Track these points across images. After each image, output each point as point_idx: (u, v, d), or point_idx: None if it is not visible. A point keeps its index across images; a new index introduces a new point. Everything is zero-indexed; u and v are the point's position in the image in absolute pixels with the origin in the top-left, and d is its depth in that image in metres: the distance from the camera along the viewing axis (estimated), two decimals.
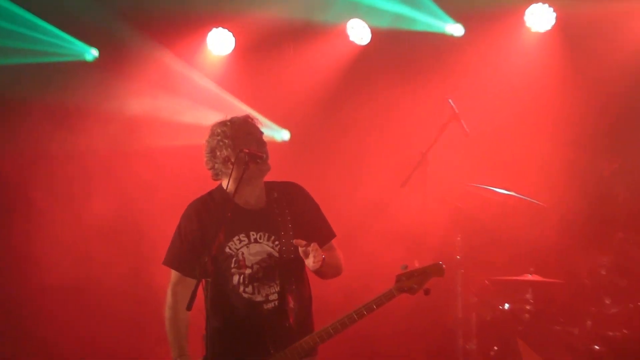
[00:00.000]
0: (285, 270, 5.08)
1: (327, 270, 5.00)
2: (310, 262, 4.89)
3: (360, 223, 8.40)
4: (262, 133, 5.22)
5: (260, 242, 5.08)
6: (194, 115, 8.72)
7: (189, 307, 4.59)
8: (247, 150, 4.97)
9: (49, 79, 8.69)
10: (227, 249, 5.05)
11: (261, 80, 8.95)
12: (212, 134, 5.15)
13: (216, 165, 5.13)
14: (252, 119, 5.21)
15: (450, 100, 7.71)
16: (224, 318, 5.05)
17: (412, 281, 4.84)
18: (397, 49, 8.88)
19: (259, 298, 5.04)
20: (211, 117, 5.35)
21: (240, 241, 5.08)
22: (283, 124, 9.10)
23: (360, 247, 8.02)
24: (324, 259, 4.89)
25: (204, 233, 5.07)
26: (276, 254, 5.08)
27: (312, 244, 4.89)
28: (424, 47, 8.78)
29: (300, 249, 4.93)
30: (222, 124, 5.16)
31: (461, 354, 7.68)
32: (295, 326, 5.05)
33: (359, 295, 6.02)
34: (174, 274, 5.19)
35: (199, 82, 9.00)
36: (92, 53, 8.92)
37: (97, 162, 8.78)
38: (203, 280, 4.70)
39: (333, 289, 6.48)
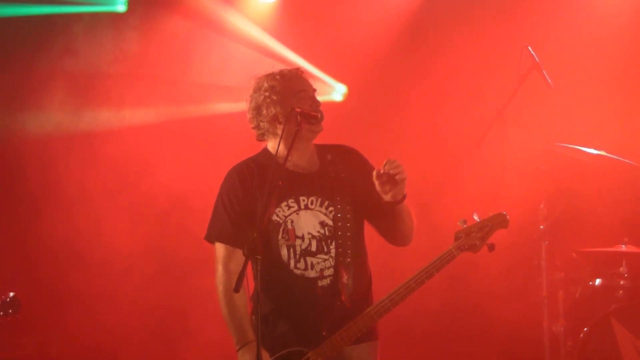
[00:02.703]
0: (340, 240, 4.66)
1: (403, 212, 4.65)
2: (395, 182, 4.46)
3: (429, 190, 8.11)
4: (314, 89, 4.79)
5: (311, 209, 4.69)
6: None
7: (236, 289, 4.21)
8: (299, 110, 4.56)
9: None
10: (275, 217, 4.67)
11: (314, 30, 8.52)
12: (258, 88, 4.79)
13: (262, 124, 4.78)
14: (303, 72, 4.82)
15: (529, 48, 7.30)
16: (272, 299, 4.69)
17: (473, 237, 4.61)
18: None
19: (312, 274, 4.66)
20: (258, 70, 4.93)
21: (289, 207, 4.69)
22: (338, 78, 8.69)
23: (430, 218, 7.69)
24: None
25: (250, 201, 4.67)
26: (330, 222, 4.68)
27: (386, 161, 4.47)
28: None
29: (376, 178, 4.48)
30: (271, 77, 4.77)
31: (547, 336, 7.31)
32: (350, 304, 4.62)
33: None
34: (221, 250, 4.72)
35: (244, 29, 8.56)
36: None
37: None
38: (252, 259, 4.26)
39: (401, 262, 6.19)
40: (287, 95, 4.70)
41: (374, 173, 4.48)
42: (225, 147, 7.81)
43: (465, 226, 4.61)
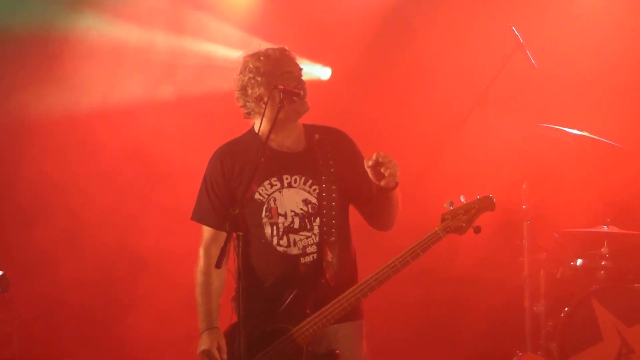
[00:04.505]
0: (325, 219, 4.66)
1: (394, 199, 4.65)
2: (387, 174, 4.44)
3: (412, 170, 7.82)
4: (300, 69, 4.76)
5: (294, 187, 4.71)
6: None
7: (217, 265, 4.27)
8: (281, 87, 4.55)
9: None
10: (257, 195, 4.70)
11: (296, 14, 8.42)
12: (244, 68, 4.78)
13: (248, 104, 4.79)
14: (289, 52, 4.78)
15: (513, 28, 7.31)
16: (256, 276, 4.71)
17: (459, 219, 4.58)
18: None
19: (295, 251, 4.68)
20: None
21: (272, 186, 4.71)
22: (323, 61, 8.57)
23: (413, 197, 7.50)
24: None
25: (230, 180, 4.74)
26: (314, 200, 4.68)
27: (378, 153, 4.45)
28: None
29: (370, 166, 4.47)
30: (255, 57, 4.75)
31: (528, 316, 7.32)
32: (333, 282, 4.63)
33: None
34: (205, 231, 4.81)
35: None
36: None
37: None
38: (234, 235, 4.26)
39: (384, 243, 5.93)
40: (271, 76, 4.68)
41: (365, 162, 4.48)
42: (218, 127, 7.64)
43: (451, 208, 4.59)
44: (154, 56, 8.29)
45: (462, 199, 4.61)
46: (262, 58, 4.73)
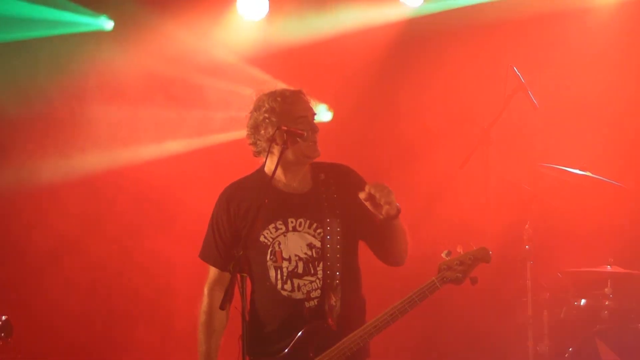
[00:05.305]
0: (329, 262, 4.64)
1: (399, 228, 4.62)
2: (381, 204, 4.45)
3: (415, 210, 7.81)
4: (314, 113, 4.77)
5: (299, 231, 4.68)
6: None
7: (222, 307, 4.24)
8: (285, 128, 4.55)
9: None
10: (262, 238, 4.68)
11: (297, 51, 8.37)
12: (259, 107, 4.77)
13: (258, 143, 4.77)
14: (304, 96, 4.77)
15: (515, 68, 7.24)
16: (260, 318, 4.72)
17: (455, 270, 4.59)
18: (453, 11, 8.36)
19: (299, 296, 4.66)
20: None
21: (277, 229, 4.69)
22: (325, 101, 8.52)
23: (415, 236, 7.55)
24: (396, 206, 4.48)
25: (236, 221, 4.71)
26: (318, 244, 4.65)
27: (369, 185, 4.47)
28: (484, 7, 8.27)
29: (365, 200, 4.48)
30: (272, 97, 4.74)
31: (532, 356, 7.23)
32: (336, 327, 4.59)
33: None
34: (210, 272, 4.83)
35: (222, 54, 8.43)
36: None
37: None
38: (238, 277, 4.26)
39: (388, 282, 6.21)
40: (286, 120, 4.65)
41: (360, 195, 4.47)
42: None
43: (448, 258, 4.59)
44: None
45: (460, 249, 4.62)
46: (279, 99, 4.71)
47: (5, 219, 7.99)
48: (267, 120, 4.68)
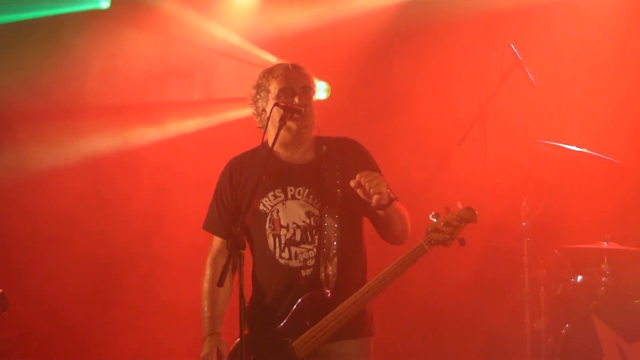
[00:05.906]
0: (325, 231, 4.64)
1: (393, 215, 4.62)
2: (373, 194, 4.42)
3: (411, 187, 7.95)
4: (304, 85, 4.76)
5: (298, 199, 4.71)
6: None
7: (219, 284, 4.21)
8: (282, 104, 4.59)
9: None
10: (261, 206, 4.73)
11: (294, 30, 8.45)
12: (255, 84, 4.89)
13: (258, 118, 4.90)
14: (299, 68, 4.80)
15: (512, 45, 7.23)
16: (260, 287, 4.77)
17: (442, 232, 4.53)
18: None
19: (296, 264, 4.68)
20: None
21: (276, 197, 4.74)
22: (321, 77, 8.54)
23: (412, 214, 7.57)
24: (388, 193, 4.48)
25: (237, 190, 4.82)
26: (317, 213, 4.67)
27: (360, 174, 4.45)
28: None
29: (356, 187, 4.47)
30: (262, 73, 4.82)
31: (528, 333, 7.24)
32: (332, 296, 4.60)
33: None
34: (214, 240, 4.91)
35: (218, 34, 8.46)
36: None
37: None
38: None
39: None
40: (273, 93, 4.73)
41: (350, 183, 4.48)
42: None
43: (435, 220, 4.56)
44: None
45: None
46: (266, 74, 4.80)
47: (6, 200, 8.10)
48: (257, 96, 4.81)
